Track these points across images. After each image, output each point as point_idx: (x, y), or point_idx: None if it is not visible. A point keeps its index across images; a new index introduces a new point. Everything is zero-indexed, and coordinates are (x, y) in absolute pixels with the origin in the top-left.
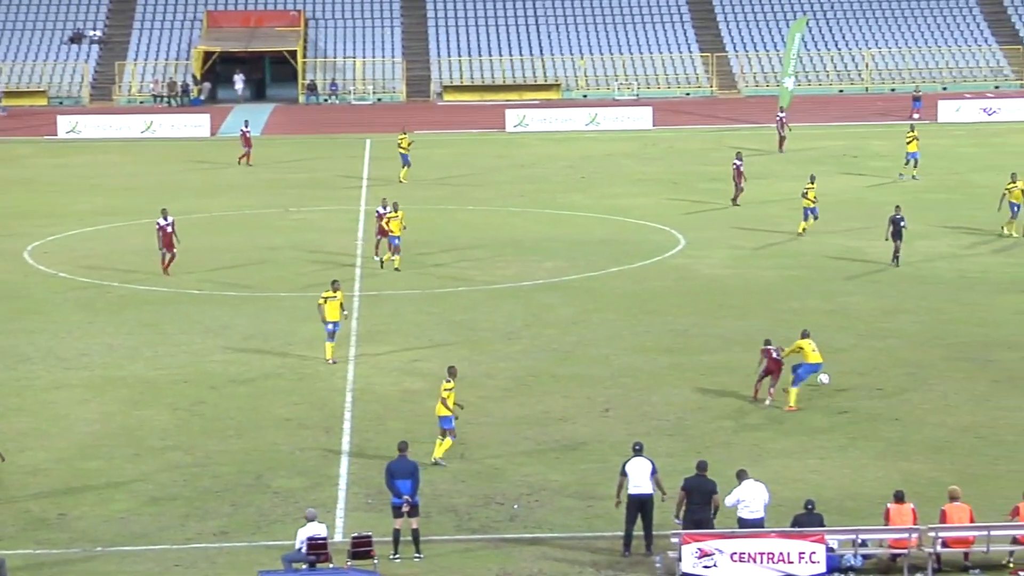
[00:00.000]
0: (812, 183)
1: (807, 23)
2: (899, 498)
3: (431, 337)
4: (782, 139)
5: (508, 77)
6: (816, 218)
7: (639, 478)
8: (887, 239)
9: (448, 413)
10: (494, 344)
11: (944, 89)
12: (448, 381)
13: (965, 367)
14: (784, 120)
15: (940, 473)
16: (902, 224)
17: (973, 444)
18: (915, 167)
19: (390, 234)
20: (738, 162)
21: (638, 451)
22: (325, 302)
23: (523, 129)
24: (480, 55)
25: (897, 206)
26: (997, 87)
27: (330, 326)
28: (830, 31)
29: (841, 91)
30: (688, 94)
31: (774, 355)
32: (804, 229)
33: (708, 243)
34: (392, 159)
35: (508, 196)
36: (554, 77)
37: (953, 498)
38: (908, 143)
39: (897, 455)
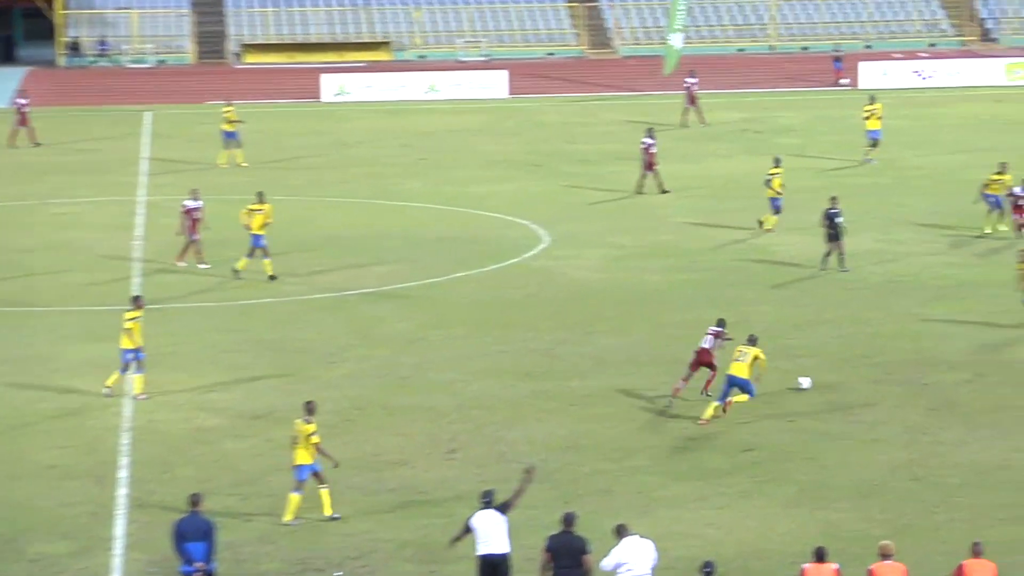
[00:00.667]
0: (778, 166)
1: None
2: (819, 556)
3: (232, 361)
4: (695, 110)
5: (325, 33)
6: (778, 212)
7: (491, 534)
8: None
9: (311, 460)
10: (311, 369)
11: (868, 48)
12: (308, 422)
13: (896, 392)
14: (693, 88)
15: (867, 524)
16: (838, 220)
17: (907, 488)
18: (873, 147)
19: (252, 232)
20: (649, 140)
21: (487, 503)
22: (134, 324)
23: (344, 99)
24: (289, 6)
25: (833, 197)
26: (933, 45)
27: (130, 354)
28: None
29: (741, 50)
30: (552, 54)
31: (706, 344)
32: (764, 223)
33: (578, 240)
34: (179, 137)
35: (327, 183)
36: (382, 33)
37: (884, 555)
38: (866, 119)
39: (814, 502)
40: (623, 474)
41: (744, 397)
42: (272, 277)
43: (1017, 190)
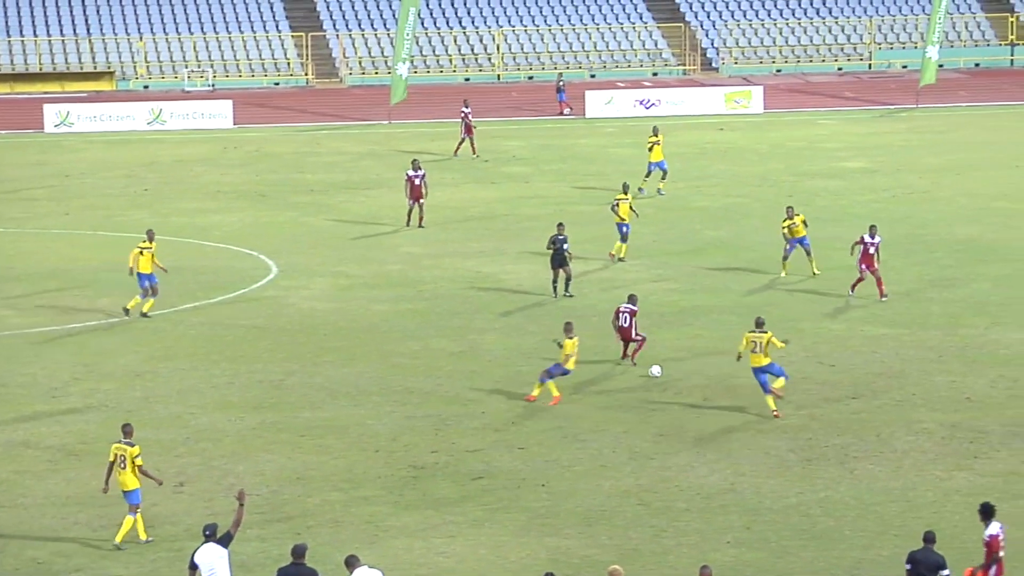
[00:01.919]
0: (626, 193)
1: None
2: None
3: None
4: (469, 140)
5: (47, 63)
6: (625, 239)
7: (215, 568)
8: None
9: (138, 485)
10: (34, 404)
11: (592, 77)
12: (131, 445)
13: (624, 419)
14: (468, 117)
15: (596, 550)
16: (565, 247)
17: (635, 513)
18: (662, 179)
19: (139, 272)
20: (413, 172)
21: (209, 536)
22: None
23: (67, 129)
24: (9, 36)
25: (560, 224)
26: (655, 74)
27: None
28: (452, 6)
29: (467, 79)
30: (277, 84)
31: (624, 323)
32: (619, 251)
33: (306, 270)
34: None
35: (49, 215)
36: (106, 63)
37: None
38: (649, 149)
39: (544, 529)
40: (352, 504)
41: (780, 381)
42: (126, 310)
43: (866, 237)
